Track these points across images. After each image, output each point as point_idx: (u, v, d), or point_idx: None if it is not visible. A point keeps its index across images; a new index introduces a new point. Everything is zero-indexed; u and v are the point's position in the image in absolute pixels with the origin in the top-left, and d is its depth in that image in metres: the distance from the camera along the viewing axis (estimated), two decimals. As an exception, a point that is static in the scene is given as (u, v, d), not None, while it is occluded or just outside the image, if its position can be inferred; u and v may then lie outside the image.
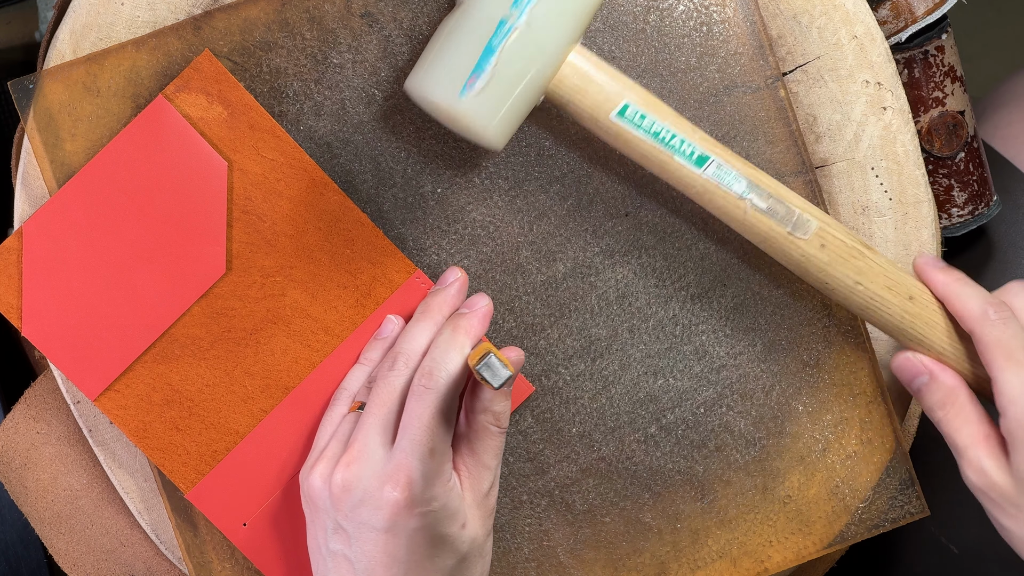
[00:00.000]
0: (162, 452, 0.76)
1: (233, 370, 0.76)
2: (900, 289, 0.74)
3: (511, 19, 0.68)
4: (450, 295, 0.75)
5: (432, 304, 0.75)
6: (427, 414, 0.69)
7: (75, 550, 0.81)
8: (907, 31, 0.82)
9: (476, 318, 0.73)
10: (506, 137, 0.71)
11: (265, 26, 0.75)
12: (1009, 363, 0.67)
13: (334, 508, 0.70)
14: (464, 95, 0.68)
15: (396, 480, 0.69)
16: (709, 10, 0.77)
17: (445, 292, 0.75)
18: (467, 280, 0.76)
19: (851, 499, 0.80)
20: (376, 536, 0.69)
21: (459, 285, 0.76)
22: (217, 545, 0.78)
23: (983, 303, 0.70)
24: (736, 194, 0.72)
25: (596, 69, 0.71)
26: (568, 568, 0.80)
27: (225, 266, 0.75)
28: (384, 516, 0.69)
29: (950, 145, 0.84)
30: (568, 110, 0.72)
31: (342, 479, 0.69)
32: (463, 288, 0.76)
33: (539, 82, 0.70)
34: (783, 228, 0.73)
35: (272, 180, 0.75)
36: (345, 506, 0.69)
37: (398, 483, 0.69)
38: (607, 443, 0.79)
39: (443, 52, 0.69)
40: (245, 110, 0.75)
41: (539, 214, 0.78)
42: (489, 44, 0.68)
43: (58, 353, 0.75)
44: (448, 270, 0.76)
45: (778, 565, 0.80)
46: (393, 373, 0.72)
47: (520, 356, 0.74)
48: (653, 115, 0.71)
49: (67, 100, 0.75)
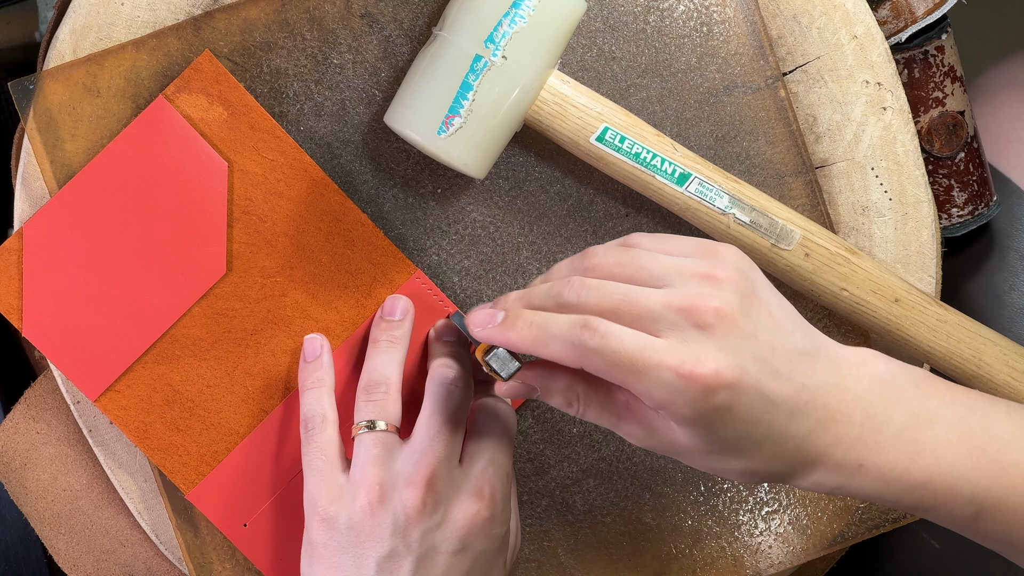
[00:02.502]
0: (163, 453, 0.76)
1: (234, 370, 0.76)
2: (886, 292, 0.75)
3: (486, 55, 0.69)
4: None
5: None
6: (506, 438, 0.71)
7: (75, 550, 0.81)
8: (907, 31, 0.82)
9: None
10: (487, 167, 0.72)
11: (265, 26, 0.75)
12: (638, 376, 0.61)
13: (402, 532, 0.68)
14: (442, 133, 0.70)
15: (481, 495, 0.69)
16: (709, 10, 0.77)
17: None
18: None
19: (851, 500, 0.80)
20: (442, 560, 0.69)
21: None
22: (218, 546, 0.78)
23: (568, 341, 0.62)
24: (719, 209, 0.73)
25: (574, 93, 0.72)
26: (568, 568, 0.80)
27: (225, 267, 0.75)
28: (459, 534, 0.68)
29: (950, 145, 0.84)
30: (548, 135, 0.73)
31: (420, 498, 0.68)
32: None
33: (517, 112, 0.71)
34: (766, 240, 0.74)
35: (272, 181, 0.75)
36: (420, 528, 0.68)
37: (483, 497, 0.69)
38: (607, 443, 0.79)
39: (420, 89, 0.70)
40: (245, 111, 0.75)
41: (539, 214, 0.78)
42: (465, 81, 0.69)
43: (59, 354, 0.75)
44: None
45: (778, 565, 0.80)
46: (458, 396, 0.71)
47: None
48: (632, 136, 0.72)
49: (67, 100, 0.75)
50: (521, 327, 0.64)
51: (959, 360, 0.76)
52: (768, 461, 0.63)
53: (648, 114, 0.77)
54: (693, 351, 0.60)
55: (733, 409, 0.61)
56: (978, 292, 0.92)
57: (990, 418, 0.65)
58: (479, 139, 0.71)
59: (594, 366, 0.61)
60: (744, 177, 0.78)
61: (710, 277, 0.62)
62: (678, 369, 0.59)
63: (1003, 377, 0.76)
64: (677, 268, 0.63)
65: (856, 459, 0.63)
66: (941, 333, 0.75)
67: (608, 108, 0.73)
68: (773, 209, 0.74)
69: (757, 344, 0.61)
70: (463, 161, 0.71)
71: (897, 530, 0.92)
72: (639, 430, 0.65)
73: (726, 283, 0.62)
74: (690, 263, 0.63)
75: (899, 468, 0.63)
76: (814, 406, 0.62)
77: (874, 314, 0.75)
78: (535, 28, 0.70)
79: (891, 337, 0.76)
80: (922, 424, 0.64)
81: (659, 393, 0.60)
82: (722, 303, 0.61)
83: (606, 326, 0.61)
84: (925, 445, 0.64)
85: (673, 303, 0.61)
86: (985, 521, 0.65)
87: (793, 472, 0.64)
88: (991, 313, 0.91)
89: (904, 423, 0.64)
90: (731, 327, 0.61)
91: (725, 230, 0.74)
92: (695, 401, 0.60)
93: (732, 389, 0.60)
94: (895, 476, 0.64)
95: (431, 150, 0.71)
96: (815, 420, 0.63)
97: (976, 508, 0.64)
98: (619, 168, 0.73)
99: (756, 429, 0.62)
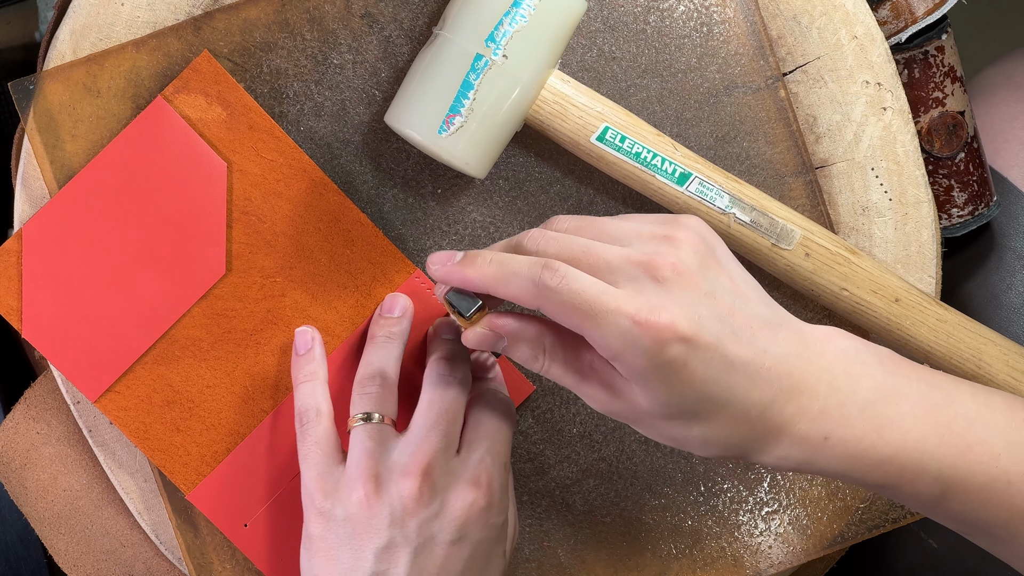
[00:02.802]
0: (163, 453, 0.76)
1: (233, 371, 0.76)
2: (886, 292, 0.75)
3: (487, 54, 0.69)
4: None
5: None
6: (504, 427, 0.71)
7: (75, 550, 0.81)
8: (907, 31, 0.82)
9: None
10: (488, 167, 0.73)
11: (265, 27, 0.75)
12: (595, 320, 0.61)
13: (400, 523, 0.68)
14: (443, 132, 0.70)
15: (478, 483, 0.68)
16: (709, 10, 0.77)
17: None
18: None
19: (851, 499, 0.80)
20: (440, 550, 0.68)
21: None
22: (218, 546, 0.78)
23: (528, 278, 0.62)
24: (719, 209, 0.73)
25: (575, 93, 0.72)
26: (568, 568, 0.80)
27: (225, 267, 0.75)
28: (457, 523, 0.68)
29: (950, 145, 0.84)
30: (548, 135, 0.73)
31: (417, 488, 0.68)
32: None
33: (517, 112, 0.71)
34: (767, 240, 0.74)
35: (272, 181, 0.75)
36: (417, 518, 0.68)
37: (480, 486, 0.68)
38: (607, 443, 0.79)
39: (420, 88, 0.71)
40: (244, 111, 0.75)
41: (539, 214, 0.78)
42: (466, 80, 0.69)
43: (58, 355, 0.75)
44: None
45: (778, 565, 0.80)
46: (455, 388, 0.71)
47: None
48: (633, 136, 0.72)
49: (67, 100, 0.75)
50: (480, 264, 0.64)
51: (959, 360, 0.76)
52: (729, 428, 0.62)
53: (648, 114, 0.77)
54: (650, 300, 0.60)
55: (689, 366, 0.60)
56: (975, 291, 0.92)
57: (954, 396, 0.65)
58: (480, 138, 0.71)
59: (551, 308, 0.61)
60: (744, 177, 0.78)
61: (669, 237, 0.63)
62: (634, 316, 0.59)
63: (1003, 377, 0.76)
64: (636, 231, 0.64)
65: (821, 432, 0.63)
66: (941, 333, 0.75)
67: (608, 108, 0.73)
68: (773, 209, 0.74)
69: (715, 304, 0.61)
70: (464, 160, 0.71)
71: (896, 530, 0.92)
72: (600, 392, 0.64)
73: (685, 243, 0.62)
74: (650, 227, 0.64)
75: (865, 442, 0.63)
76: (776, 373, 0.62)
77: (874, 314, 0.75)
78: (536, 27, 0.70)
79: (891, 337, 0.76)
80: (888, 399, 0.63)
81: (614, 341, 0.60)
82: (679, 260, 0.61)
83: (566, 268, 0.61)
84: (891, 420, 0.63)
85: (632, 257, 0.61)
86: (951, 501, 0.64)
87: (757, 444, 0.63)
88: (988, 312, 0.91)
89: (869, 397, 0.63)
90: (688, 283, 0.61)
91: (725, 230, 0.74)
92: (649, 351, 0.60)
93: (687, 343, 0.60)
94: (861, 451, 0.63)
95: (432, 149, 0.71)
96: (778, 388, 0.62)
97: (942, 486, 0.64)
98: (619, 168, 0.73)
99: (715, 391, 0.61)
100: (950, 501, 0.64)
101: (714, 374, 0.61)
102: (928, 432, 0.63)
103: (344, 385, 0.76)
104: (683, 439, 0.63)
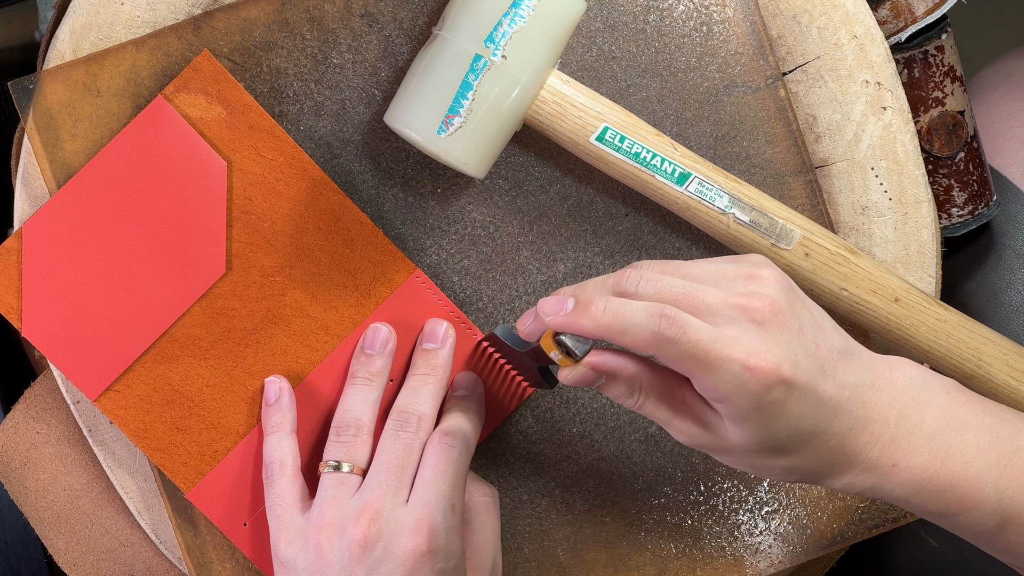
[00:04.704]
0: (162, 452, 0.76)
1: (233, 370, 0.76)
2: (886, 292, 0.75)
3: (486, 54, 0.69)
4: (448, 355, 0.76)
5: (437, 364, 0.75)
6: (451, 470, 0.71)
7: (75, 550, 0.81)
8: (907, 31, 0.82)
9: (476, 400, 0.76)
10: (487, 167, 0.73)
11: (265, 26, 0.75)
12: (708, 367, 0.62)
13: (349, 570, 0.69)
14: (442, 133, 0.70)
15: (419, 530, 0.69)
16: (709, 10, 0.77)
17: (445, 352, 0.76)
18: (456, 339, 0.77)
19: (851, 499, 0.80)
20: None
21: (451, 343, 0.76)
22: (217, 545, 0.78)
23: (647, 328, 0.62)
24: (718, 209, 0.73)
25: (574, 93, 0.72)
26: (568, 568, 0.80)
27: (225, 266, 0.75)
28: (402, 570, 0.68)
29: (950, 145, 0.84)
30: (548, 135, 0.73)
31: (363, 535, 0.68)
32: (453, 346, 0.76)
33: (517, 112, 0.71)
34: (766, 240, 0.74)
35: (272, 180, 0.75)
36: (364, 565, 0.69)
37: (420, 532, 0.69)
38: (607, 443, 0.79)
39: (420, 88, 0.71)
40: (244, 110, 0.75)
41: (539, 214, 0.78)
42: (465, 80, 0.69)
43: (58, 353, 0.75)
44: (435, 324, 0.76)
45: (778, 565, 0.80)
46: (407, 434, 0.72)
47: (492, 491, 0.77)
48: (632, 136, 0.73)
49: (67, 100, 0.75)
50: (596, 312, 0.64)
51: (959, 360, 0.76)
52: (810, 458, 0.64)
53: (648, 114, 0.77)
54: (754, 345, 0.61)
55: (786, 405, 0.62)
56: (975, 290, 0.92)
57: (1019, 429, 0.67)
58: (479, 138, 0.71)
59: (668, 355, 0.62)
60: (744, 177, 0.78)
61: (754, 276, 0.64)
62: (744, 362, 0.61)
63: (1003, 377, 0.76)
64: (720, 271, 0.65)
65: (890, 459, 0.64)
66: (941, 333, 0.76)
67: (608, 108, 0.73)
68: (773, 209, 0.74)
69: (804, 340, 0.63)
70: (463, 160, 0.71)
71: (897, 529, 0.92)
72: (692, 427, 0.66)
73: (771, 281, 0.64)
74: (731, 267, 0.65)
75: (929, 471, 0.64)
76: (853, 404, 0.64)
77: (874, 314, 0.75)
78: (535, 28, 0.70)
79: (891, 337, 0.76)
80: (953, 429, 0.65)
81: (724, 385, 0.61)
82: (774, 299, 0.63)
83: (683, 316, 0.62)
84: (955, 449, 0.65)
85: (730, 299, 0.63)
86: (1009, 532, 0.66)
87: (831, 470, 0.65)
88: (988, 312, 0.91)
89: (936, 426, 0.65)
90: (784, 323, 0.62)
91: (725, 230, 0.74)
92: (756, 395, 0.61)
93: (787, 384, 0.62)
94: (925, 478, 0.65)
95: (431, 149, 0.71)
96: (855, 418, 0.64)
97: (1001, 517, 0.65)
98: (619, 168, 0.73)
99: (804, 425, 0.63)
100: (1008, 532, 0.66)
101: (806, 410, 0.63)
102: (991, 463, 0.65)
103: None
104: (766, 468, 0.65)
